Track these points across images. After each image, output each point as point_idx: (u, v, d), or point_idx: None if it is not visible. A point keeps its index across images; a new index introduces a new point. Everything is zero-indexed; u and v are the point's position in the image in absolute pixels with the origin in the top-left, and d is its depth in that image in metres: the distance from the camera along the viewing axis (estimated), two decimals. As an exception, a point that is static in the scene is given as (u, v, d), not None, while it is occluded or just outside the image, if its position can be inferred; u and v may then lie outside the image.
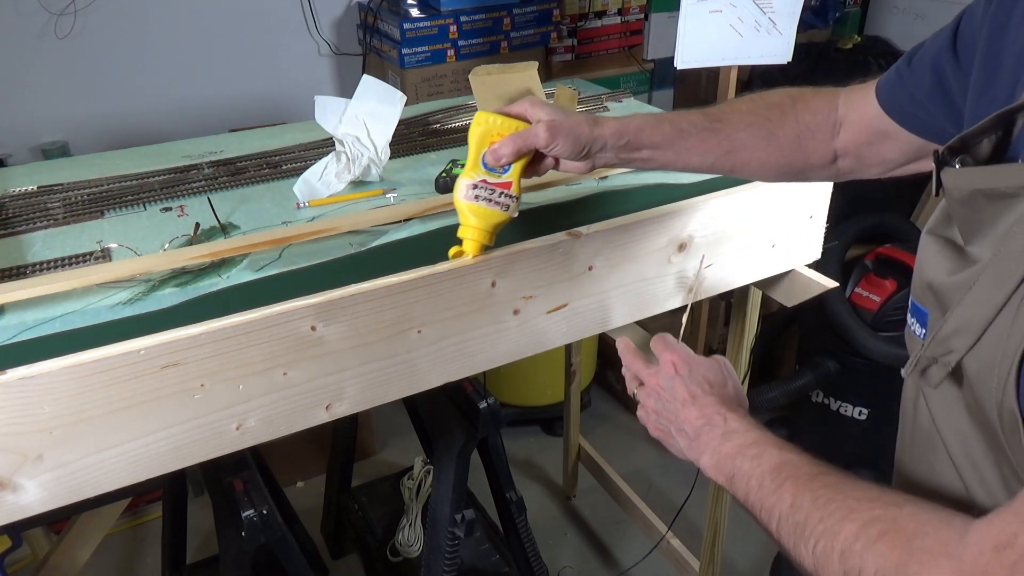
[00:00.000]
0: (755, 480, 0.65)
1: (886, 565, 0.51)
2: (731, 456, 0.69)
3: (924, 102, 0.75)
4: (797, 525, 0.59)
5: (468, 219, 0.91)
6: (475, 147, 0.89)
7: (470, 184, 0.89)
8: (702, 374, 0.80)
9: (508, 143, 0.85)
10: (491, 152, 0.87)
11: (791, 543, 0.59)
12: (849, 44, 2.47)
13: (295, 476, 2.36)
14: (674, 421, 0.78)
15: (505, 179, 0.89)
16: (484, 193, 0.89)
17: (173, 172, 1.26)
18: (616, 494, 2.12)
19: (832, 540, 0.55)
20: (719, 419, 0.74)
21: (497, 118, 0.88)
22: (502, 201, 0.89)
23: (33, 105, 2.17)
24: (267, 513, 1.21)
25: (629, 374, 0.87)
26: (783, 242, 1.26)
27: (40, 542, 1.72)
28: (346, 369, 0.93)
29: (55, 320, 0.83)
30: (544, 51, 2.49)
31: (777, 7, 1.45)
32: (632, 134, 0.85)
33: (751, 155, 0.88)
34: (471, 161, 0.89)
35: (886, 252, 2.22)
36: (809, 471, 0.62)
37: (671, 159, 0.88)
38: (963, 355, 0.57)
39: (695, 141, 0.87)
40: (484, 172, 0.89)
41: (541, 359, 2.39)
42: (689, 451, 0.76)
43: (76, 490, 0.82)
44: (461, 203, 0.90)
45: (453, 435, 1.44)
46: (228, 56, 2.37)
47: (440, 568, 1.50)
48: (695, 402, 0.76)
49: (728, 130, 0.87)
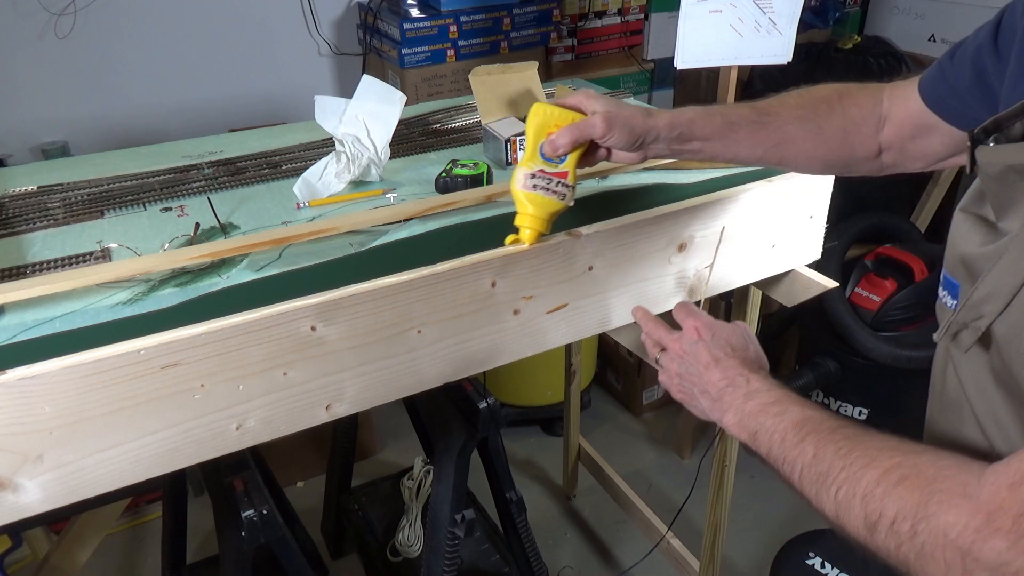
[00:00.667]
0: (778, 435, 0.69)
1: (906, 507, 0.54)
2: (754, 414, 0.73)
3: (965, 95, 0.77)
4: (820, 475, 0.62)
5: (526, 207, 0.94)
6: (532, 138, 0.92)
7: (528, 173, 0.92)
8: (724, 338, 0.83)
9: (566, 134, 0.89)
10: (549, 142, 0.90)
11: (813, 492, 0.63)
12: (849, 44, 2.47)
13: (295, 476, 2.36)
14: (697, 383, 0.81)
15: (562, 168, 0.92)
16: (542, 182, 0.92)
17: (173, 172, 1.26)
18: (616, 494, 2.12)
19: (854, 486, 0.58)
20: (742, 380, 0.77)
21: (554, 109, 0.91)
22: (559, 190, 0.92)
23: (33, 105, 2.17)
24: (267, 513, 1.21)
25: (650, 340, 0.91)
26: (783, 242, 1.26)
27: (40, 542, 1.72)
28: (346, 369, 0.93)
29: (55, 320, 0.83)
30: (544, 51, 2.49)
31: (777, 7, 1.45)
32: (684, 126, 0.89)
33: (798, 148, 0.91)
34: (529, 151, 0.92)
35: (886, 252, 2.22)
36: (830, 425, 0.65)
37: (720, 151, 0.91)
38: (992, 320, 0.59)
39: (744, 133, 0.90)
40: (541, 162, 0.92)
41: (541, 359, 2.39)
42: (712, 411, 0.79)
43: (76, 490, 0.82)
44: (519, 192, 0.93)
45: (453, 435, 1.44)
46: (228, 56, 2.37)
47: (440, 568, 1.50)
48: (718, 365, 0.80)
49: (777, 123, 0.90)
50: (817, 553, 1.87)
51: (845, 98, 0.91)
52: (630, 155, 0.91)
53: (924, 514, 0.53)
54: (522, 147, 1.26)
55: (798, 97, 0.92)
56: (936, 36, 2.70)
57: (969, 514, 0.51)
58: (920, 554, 0.53)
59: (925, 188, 2.62)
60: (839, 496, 0.60)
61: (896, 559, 0.56)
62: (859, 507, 0.58)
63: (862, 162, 0.92)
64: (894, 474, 0.56)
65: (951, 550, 0.51)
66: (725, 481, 1.60)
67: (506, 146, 1.25)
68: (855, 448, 0.61)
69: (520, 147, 1.26)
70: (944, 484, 0.54)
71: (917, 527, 0.54)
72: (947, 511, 0.52)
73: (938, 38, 2.69)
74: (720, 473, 1.59)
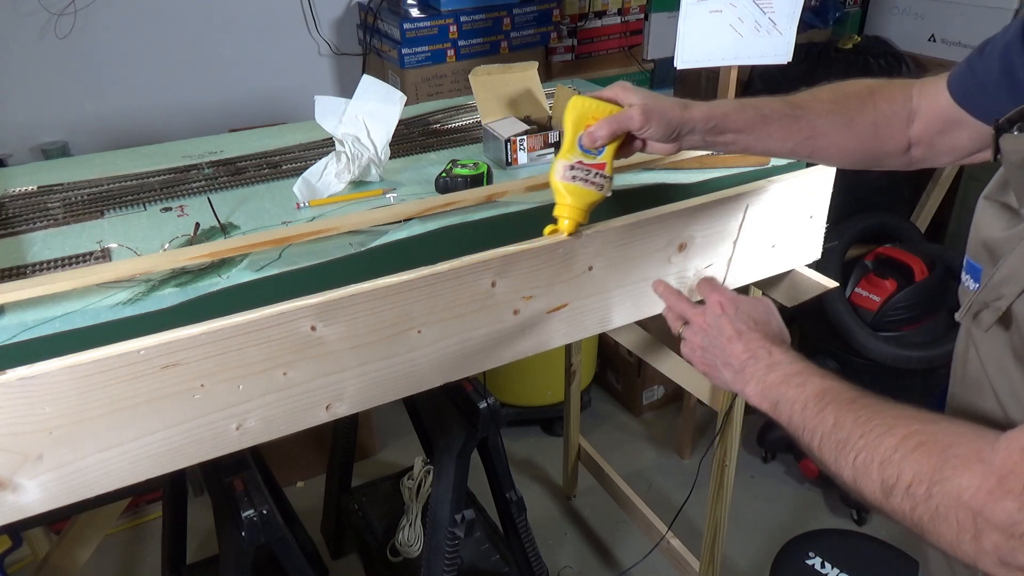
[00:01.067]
0: (799, 404, 0.70)
1: (922, 471, 0.56)
2: (776, 384, 0.74)
3: (992, 90, 0.78)
4: (839, 442, 0.64)
5: (564, 198, 0.96)
6: (571, 130, 0.93)
7: (567, 165, 0.94)
8: (747, 312, 0.84)
9: (604, 126, 0.91)
10: (587, 134, 0.92)
11: (832, 458, 0.64)
12: (849, 44, 2.47)
13: (295, 476, 2.36)
14: (720, 356, 0.83)
15: (600, 160, 0.94)
16: (580, 173, 0.94)
17: (173, 172, 1.26)
18: (616, 494, 2.12)
19: (872, 452, 0.60)
20: (764, 352, 0.78)
21: (592, 102, 0.93)
22: (597, 181, 0.94)
23: (33, 105, 2.17)
24: (267, 513, 1.21)
25: (672, 314, 0.93)
26: (783, 242, 1.26)
27: (40, 542, 1.72)
28: (346, 369, 0.93)
29: (55, 320, 0.83)
30: (544, 51, 2.48)
31: (777, 7, 1.44)
32: (719, 118, 0.90)
33: (830, 141, 0.92)
34: (567, 143, 0.94)
35: (886, 252, 2.22)
36: (850, 395, 0.67)
37: (753, 143, 0.93)
38: (1013, 300, 0.62)
39: (777, 127, 0.91)
40: (580, 153, 0.93)
41: (541, 359, 2.39)
42: (734, 383, 0.81)
43: (76, 490, 0.82)
44: (558, 183, 0.95)
45: (453, 435, 1.44)
46: (228, 56, 2.37)
47: (440, 568, 1.50)
48: (741, 338, 0.81)
49: (809, 116, 0.91)
50: (817, 553, 1.86)
51: (876, 93, 0.92)
52: (665, 146, 0.93)
53: (939, 477, 0.55)
54: (522, 147, 1.26)
55: (831, 91, 0.94)
56: (936, 36, 2.69)
57: (982, 477, 0.53)
58: (934, 516, 0.55)
59: (925, 188, 2.62)
60: (857, 462, 0.62)
61: (911, 521, 0.58)
62: (876, 472, 0.60)
63: (892, 156, 0.93)
64: (912, 440, 0.58)
65: (964, 511, 0.53)
66: (725, 481, 1.60)
67: (506, 146, 1.25)
68: (874, 417, 0.63)
69: (520, 147, 1.26)
70: (959, 449, 0.55)
71: (932, 490, 0.55)
72: (961, 474, 0.54)
73: (938, 38, 2.69)
74: (720, 473, 1.59)
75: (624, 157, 0.96)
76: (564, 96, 1.29)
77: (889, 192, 2.49)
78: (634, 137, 0.93)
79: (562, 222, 0.98)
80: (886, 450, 0.60)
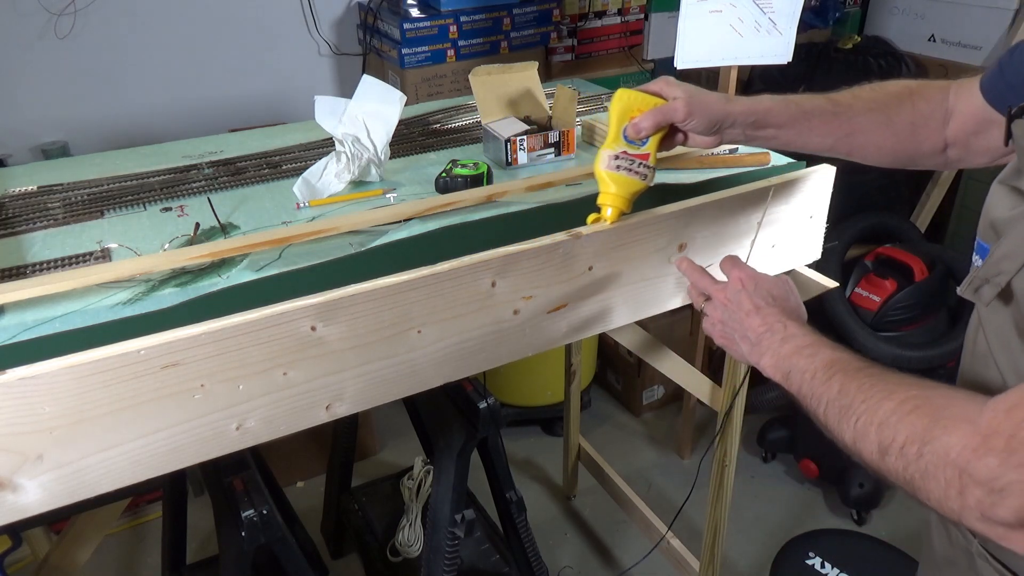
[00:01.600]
0: (808, 374, 0.74)
1: (914, 432, 0.60)
2: (788, 356, 0.78)
3: (1021, 90, 0.79)
4: (842, 407, 0.68)
5: (608, 187, 0.99)
6: (616, 121, 0.97)
7: (612, 155, 0.97)
8: (766, 288, 0.88)
9: (648, 117, 0.94)
10: (632, 126, 0.95)
11: (835, 423, 0.68)
12: (849, 44, 2.47)
13: (295, 476, 2.36)
14: (738, 329, 0.87)
15: (643, 151, 0.97)
16: (624, 163, 0.97)
17: (173, 172, 1.26)
18: (616, 494, 2.12)
19: (872, 415, 0.64)
20: (779, 326, 0.82)
21: (637, 95, 0.96)
22: (640, 171, 0.98)
23: (33, 105, 2.17)
24: (267, 513, 1.21)
25: (695, 290, 0.96)
26: (783, 242, 1.26)
27: (40, 542, 1.72)
28: (346, 369, 0.93)
29: (55, 320, 0.84)
30: (544, 51, 2.48)
31: (777, 7, 1.45)
32: (761, 113, 0.93)
33: (868, 139, 0.94)
34: (612, 134, 0.97)
35: (886, 252, 2.22)
36: (856, 365, 0.71)
37: (793, 138, 0.95)
38: (1012, 276, 0.64)
39: (818, 123, 0.94)
40: (624, 144, 0.97)
41: (541, 359, 2.40)
42: (751, 355, 0.85)
43: (76, 490, 0.82)
44: (602, 172, 0.98)
45: (453, 435, 1.44)
46: (228, 56, 2.37)
47: (440, 568, 1.50)
48: (759, 312, 0.85)
49: (849, 114, 0.94)
50: (817, 553, 1.87)
51: (916, 93, 0.93)
52: (706, 139, 0.96)
53: (929, 437, 0.58)
54: (522, 147, 1.26)
55: (871, 91, 0.95)
56: (936, 36, 2.69)
57: (968, 436, 0.56)
58: (924, 474, 0.58)
59: (925, 188, 2.62)
60: (857, 425, 0.65)
61: (904, 480, 0.61)
62: (874, 434, 0.63)
63: (928, 156, 0.95)
64: (908, 404, 0.62)
65: (950, 469, 0.56)
66: (725, 481, 1.59)
67: (506, 146, 1.25)
68: (876, 384, 0.66)
69: (520, 147, 1.26)
70: (950, 412, 0.59)
71: (923, 449, 0.59)
72: (950, 434, 0.57)
73: (938, 38, 2.69)
74: (720, 473, 1.59)
75: (666, 149, 1.00)
76: (564, 96, 1.29)
77: (889, 192, 2.49)
78: (677, 129, 0.97)
79: (605, 210, 1.01)
80: (884, 413, 0.63)
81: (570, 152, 1.30)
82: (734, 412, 1.50)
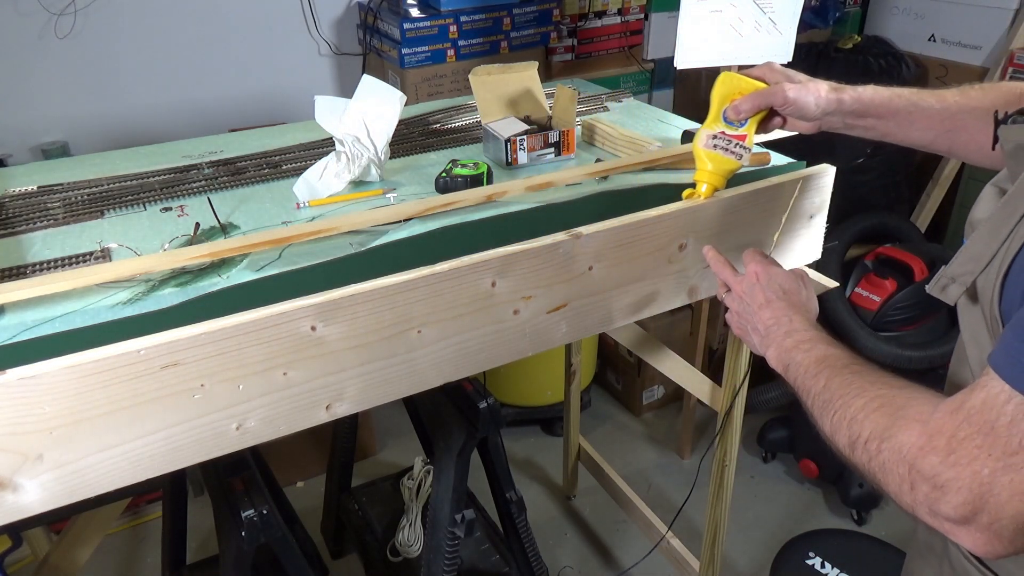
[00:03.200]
0: (803, 368, 0.78)
1: (876, 429, 0.64)
2: (789, 349, 0.82)
3: None
4: (825, 401, 0.72)
5: (705, 164, 1.05)
6: (717, 103, 1.02)
7: (710, 135, 1.03)
8: (779, 282, 0.91)
9: (748, 100, 0.98)
10: (732, 108, 1.00)
11: (819, 415, 0.72)
12: (849, 44, 2.47)
13: (295, 476, 2.36)
14: (750, 321, 0.91)
15: (741, 132, 1.02)
16: (722, 143, 1.03)
17: (173, 172, 1.26)
18: (616, 494, 2.12)
19: (845, 411, 0.68)
20: (786, 320, 0.86)
21: (740, 79, 1.00)
22: (736, 151, 1.03)
23: (33, 105, 2.17)
24: (267, 513, 1.21)
25: (719, 281, 1.00)
26: (783, 242, 1.26)
27: (40, 542, 1.72)
28: (346, 369, 0.93)
29: (55, 320, 0.83)
30: (544, 51, 2.48)
31: (777, 7, 1.45)
32: (865, 103, 0.94)
33: (970, 137, 0.93)
34: (712, 115, 1.02)
35: (886, 252, 2.22)
36: (844, 362, 0.75)
37: (892, 130, 0.96)
38: (976, 276, 0.67)
39: (919, 116, 0.94)
40: (723, 125, 1.02)
41: (541, 359, 2.39)
42: (760, 347, 0.89)
43: (76, 490, 0.82)
44: (700, 150, 1.04)
45: (453, 435, 1.44)
46: (228, 56, 2.37)
47: (440, 568, 1.50)
48: (769, 305, 0.89)
49: (953, 110, 0.93)
50: (817, 553, 1.86)
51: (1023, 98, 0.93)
52: (805, 124, 0.99)
53: (887, 435, 0.63)
54: (522, 147, 1.26)
55: (980, 90, 0.95)
56: (936, 36, 2.70)
57: (917, 435, 0.60)
58: (882, 469, 0.63)
59: (925, 188, 2.62)
60: (834, 419, 0.69)
61: (868, 473, 0.65)
62: (845, 429, 0.67)
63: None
64: (875, 403, 0.66)
65: (903, 465, 0.61)
66: (725, 481, 1.59)
67: (506, 146, 1.25)
68: (854, 381, 0.70)
69: (520, 147, 1.26)
70: (907, 411, 0.63)
71: (882, 446, 0.63)
72: (904, 432, 0.61)
73: (938, 38, 2.69)
74: (720, 473, 1.59)
75: (765, 132, 1.03)
76: (564, 96, 1.29)
77: (889, 192, 2.49)
78: (776, 113, 0.99)
79: (700, 186, 1.06)
80: (855, 410, 0.67)
81: (570, 152, 1.30)
82: (734, 412, 1.50)
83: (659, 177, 1.20)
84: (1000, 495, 0.55)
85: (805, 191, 1.24)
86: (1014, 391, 0.55)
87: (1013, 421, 0.55)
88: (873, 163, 2.40)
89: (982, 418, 0.57)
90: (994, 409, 0.56)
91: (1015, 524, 0.56)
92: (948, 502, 0.57)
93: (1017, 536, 0.57)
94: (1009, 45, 2.44)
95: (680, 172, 1.23)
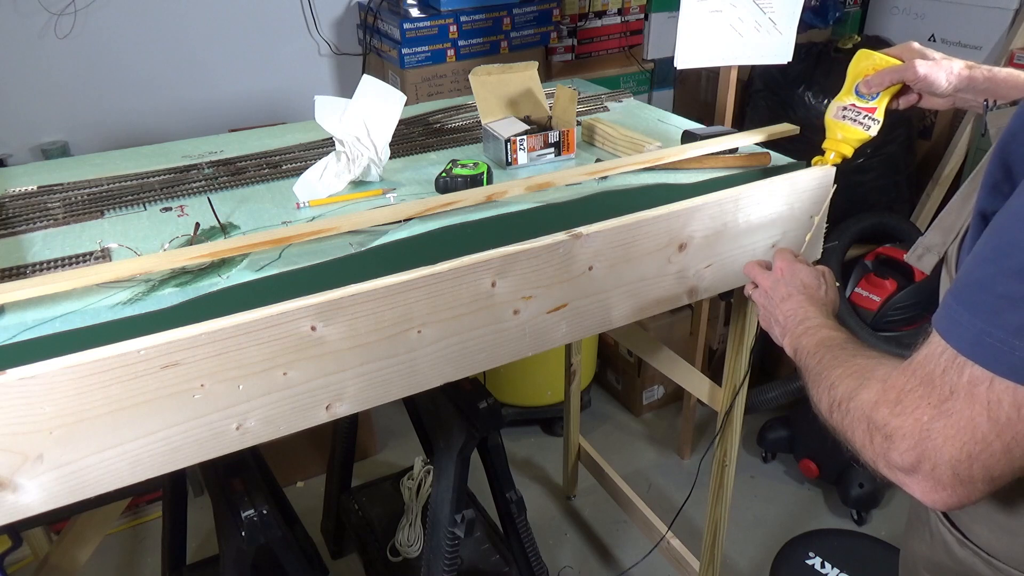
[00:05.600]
0: (806, 350, 0.85)
1: (847, 390, 0.70)
2: (799, 336, 0.88)
3: None
4: (816, 375, 0.78)
5: (835, 133, 1.13)
6: (851, 77, 1.09)
7: (841, 106, 1.11)
8: (801, 279, 0.98)
9: (881, 75, 1.04)
10: (864, 82, 1.06)
11: (811, 388, 0.78)
12: (849, 44, 2.47)
13: (295, 476, 2.36)
14: (773, 315, 0.98)
15: (871, 105, 1.08)
16: (851, 114, 1.10)
17: (173, 172, 1.26)
18: (616, 494, 2.12)
19: (827, 380, 0.74)
20: (802, 312, 0.92)
21: (877, 55, 1.06)
22: (864, 122, 1.09)
23: (33, 105, 2.17)
24: (267, 513, 1.21)
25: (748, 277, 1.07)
26: (783, 242, 1.26)
27: (40, 542, 1.72)
28: (346, 369, 0.93)
29: (55, 320, 0.83)
30: (544, 51, 2.48)
31: (777, 7, 1.45)
32: (999, 83, 0.95)
33: None
34: (846, 88, 1.10)
35: (886, 252, 2.22)
36: (840, 343, 0.81)
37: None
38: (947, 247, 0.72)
39: None
40: (854, 98, 1.09)
41: (541, 359, 2.39)
42: (780, 338, 0.94)
43: (76, 490, 0.82)
44: (831, 120, 1.12)
45: (453, 435, 1.44)
46: (228, 56, 2.37)
47: (440, 568, 1.50)
48: (789, 299, 0.95)
49: None
50: (817, 553, 1.87)
51: None
52: (939, 101, 1.02)
53: (854, 395, 0.68)
54: (522, 147, 1.26)
55: None
56: (936, 36, 2.70)
57: (876, 392, 0.65)
58: (851, 426, 0.68)
59: (925, 188, 2.62)
60: (819, 389, 0.76)
61: (842, 432, 0.70)
62: (827, 395, 0.73)
63: None
64: (851, 369, 0.72)
65: (863, 420, 0.66)
66: (725, 481, 1.59)
67: (506, 146, 1.25)
68: (842, 356, 0.76)
69: (520, 147, 1.26)
70: (874, 374, 0.68)
71: (849, 405, 0.68)
72: (867, 391, 0.67)
73: (938, 38, 2.69)
74: (720, 473, 1.59)
75: (899, 108, 1.08)
76: (564, 96, 1.29)
77: (889, 192, 2.49)
78: (910, 89, 1.03)
79: (828, 154, 1.14)
80: (835, 378, 0.73)
81: (570, 152, 1.30)
82: (734, 412, 1.50)
83: (659, 177, 1.20)
84: (936, 440, 0.59)
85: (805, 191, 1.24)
86: (946, 344, 0.59)
87: (945, 371, 0.59)
88: (873, 163, 2.40)
89: (924, 370, 0.61)
90: (932, 360, 0.60)
91: (952, 470, 0.59)
92: (896, 449, 0.61)
93: (956, 483, 0.59)
94: (1009, 45, 2.44)
95: (680, 172, 1.23)
